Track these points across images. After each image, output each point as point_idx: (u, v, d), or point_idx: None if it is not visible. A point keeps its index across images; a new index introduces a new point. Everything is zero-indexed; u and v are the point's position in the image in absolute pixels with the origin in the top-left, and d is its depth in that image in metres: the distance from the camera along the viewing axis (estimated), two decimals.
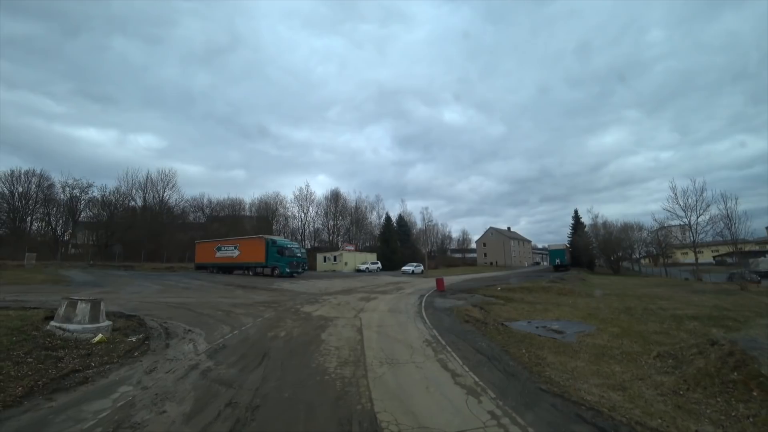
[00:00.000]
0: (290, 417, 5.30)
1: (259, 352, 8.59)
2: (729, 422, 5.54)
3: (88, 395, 6.00)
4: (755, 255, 66.68)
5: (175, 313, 13.47)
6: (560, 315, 15.64)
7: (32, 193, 53.55)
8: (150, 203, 60.44)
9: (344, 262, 56.65)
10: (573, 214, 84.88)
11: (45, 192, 53.60)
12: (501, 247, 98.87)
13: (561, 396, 6.33)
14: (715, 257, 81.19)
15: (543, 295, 22.77)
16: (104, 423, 5.00)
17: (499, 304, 18.37)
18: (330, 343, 9.61)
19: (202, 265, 42.45)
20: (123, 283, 25.04)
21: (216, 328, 11.22)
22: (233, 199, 74.73)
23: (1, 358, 7.10)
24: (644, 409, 5.95)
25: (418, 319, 13.52)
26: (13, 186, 52.35)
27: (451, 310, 15.46)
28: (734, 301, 20.15)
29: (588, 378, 7.47)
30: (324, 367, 7.59)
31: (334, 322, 12.44)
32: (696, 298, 21.95)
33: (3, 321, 8.80)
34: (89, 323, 9.26)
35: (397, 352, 8.84)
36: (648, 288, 31.15)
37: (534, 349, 9.71)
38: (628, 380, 7.40)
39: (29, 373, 6.74)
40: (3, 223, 52.11)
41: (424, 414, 5.43)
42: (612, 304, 19.41)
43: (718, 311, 15.99)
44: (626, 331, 12.27)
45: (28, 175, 53.42)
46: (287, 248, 36.59)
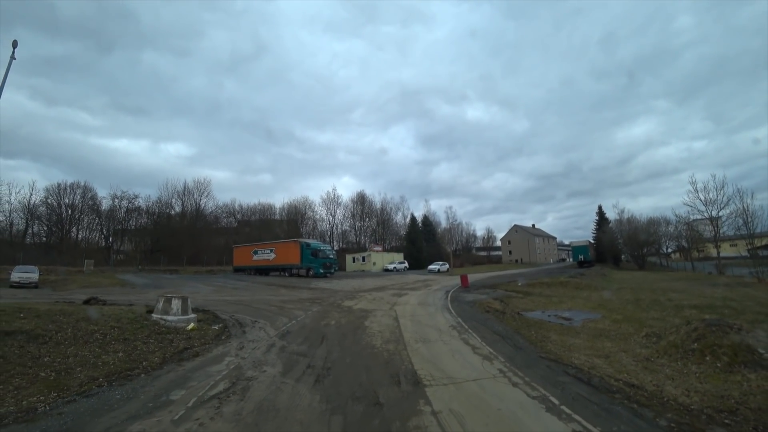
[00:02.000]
0: (354, 373, 7.46)
1: (318, 335, 10.83)
2: (679, 376, 7.41)
3: (205, 362, 8.32)
4: None
5: (237, 308, 15.88)
6: (572, 306, 17.42)
7: (77, 203, 58.01)
8: (187, 210, 64.24)
9: (372, 262, 58.93)
10: (597, 210, 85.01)
11: (89, 202, 57.91)
12: (526, 244, 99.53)
13: (555, 361, 8.31)
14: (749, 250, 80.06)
15: (560, 290, 24.45)
16: (226, 377, 7.26)
17: (518, 298, 20.24)
18: (373, 328, 11.77)
19: (240, 268, 45.49)
20: (178, 285, 27.87)
21: (276, 319, 13.55)
22: (263, 204, 78.27)
23: (134, 339, 9.53)
24: (617, 368, 7.88)
25: (444, 310, 15.55)
26: (60, 198, 56.91)
27: (473, 302, 17.42)
28: (744, 293, 21.37)
29: (581, 350, 9.39)
30: (372, 344, 9.76)
31: (373, 313, 14.60)
32: (708, 291, 23.18)
33: (121, 314, 11.26)
34: (182, 315, 11.71)
35: (428, 334, 10.93)
36: (667, 282, 32.24)
37: (542, 331, 11.65)
38: (614, 352, 9.29)
39: (156, 349, 9.16)
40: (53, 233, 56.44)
41: (450, 370, 7.52)
42: (624, 296, 20.98)
43: (721, 302, 17.41)
44: (628, 318, 14.01)
45: (73, 187, 57.87)
46: (320, 250, 39.13)
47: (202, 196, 65.82)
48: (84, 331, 9.34)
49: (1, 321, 8.78)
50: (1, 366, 7.19)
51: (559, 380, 7.06)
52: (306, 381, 7.00)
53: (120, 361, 8.16)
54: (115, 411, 5.72)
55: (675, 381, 7.17)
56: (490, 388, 6.60)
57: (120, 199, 56.16)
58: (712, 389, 6.66)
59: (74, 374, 7.29)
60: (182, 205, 63.76)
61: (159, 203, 60.18)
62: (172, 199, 62.34)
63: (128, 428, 5.11)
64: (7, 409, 5.80)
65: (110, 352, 8.60)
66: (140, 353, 8.77)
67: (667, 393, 6.49)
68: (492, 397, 6.15)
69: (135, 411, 5.71)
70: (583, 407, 5.75)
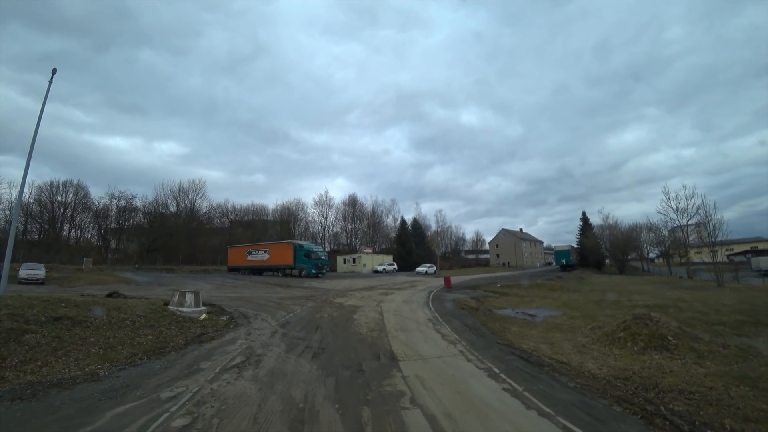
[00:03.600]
0: (344, 352, 9.31)
1: (313, 325, 12.65)
2: (602, 357, 9.36)
3: (222, 344, 10.12)
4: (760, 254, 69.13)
5: (239, 303, 17.62)
6: (541, 305, 19.42)
7: (70, 201, 58.09)
8: (182, 210, 65.50)
9: (362, 264, 60.70)
10: (581, 216, 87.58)
11: (82, 201, 58.28)
12: (513, 248, 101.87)
13: (508, 346, 10.23)
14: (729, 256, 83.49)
15: (535, 291, 26.49)
16: (241, 354, 9.06)
17: (494, 297, 22.22)
18: (361, 320, 13.62)
19: (235, 268, 47.06)
20: (179, 283, 29.40)
21: (275, 312, 15.34)
22: (257, 205, 79.56)
23: (158, 326, 11.30)
24: (555, 351, 9.81)
25: (425, 307, 17.43)
26: (53, 195, 57.00)
27: (452, 301, 19.33)
28: (699, 295, 23.56)
29: (532, 339, 11.33)
30: (359, 332, 11.61)
31: (362, 308, 16.44)
32: (669, 293, 25.34)
33: (142, 306, 12.98)
34: (195, 307, 13.48)
35: (407, 325, 12.81)
36: (637, 285, 34.48)
37: (506, 324, 13.60)
38: (559, 340, 11.24)
39: (179, 333, 10.94)
40: (45, 231, 56.79)
41: (421, 351, 9.40)
42: (591, 297, 23.05)
43: (672, 302, 19.50)
44: (584, 314, 16.00)
45: (66, 185, 57.87)
46: (313, 252, 40.92)
47: (196, 197, 67.19)
48: (117, 318, 11.07)
49: (48, 309, 10.49)
50: (59, 343, 8.95)
51: (505, 358, 8.97)
52: (305, 356, 8.84)
53: (151, 342, 9.95)
54: (159, 375, 7.52)
55: (597, 360, 9.11)
56: (449, 362, 8.50)
57: (118, 199, 57.37)
58: (621, 365, 8.61)
59: (118, 351, 9.07)
60: (177, 205, 65.08)
61: (155, 203, 61.48)
62: (167, 199, 63.71)
63: (174, 383, 6.92)
64: (75, 373, 7.58)
65: (141, 335, 10.36)
66: (166, 336, 10.54)
67: (585, 367, 8.43)
68: (449, 368, 8.05)
69: (175, 375, 7.51)
70: (517, 375, 7.66)
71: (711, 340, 10.46)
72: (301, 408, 5.85)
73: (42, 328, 9.41)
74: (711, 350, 9.45)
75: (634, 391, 6.83)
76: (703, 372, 8.02)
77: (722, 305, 18.29)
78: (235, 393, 6.47)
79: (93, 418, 5.45)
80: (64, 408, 5.88)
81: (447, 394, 6.51)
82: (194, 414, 5.58)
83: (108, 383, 7.03)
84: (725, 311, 16.32)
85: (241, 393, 6.48)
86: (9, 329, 8.89)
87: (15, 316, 9.55)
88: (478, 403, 6.13)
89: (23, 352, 8.27)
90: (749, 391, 6.83)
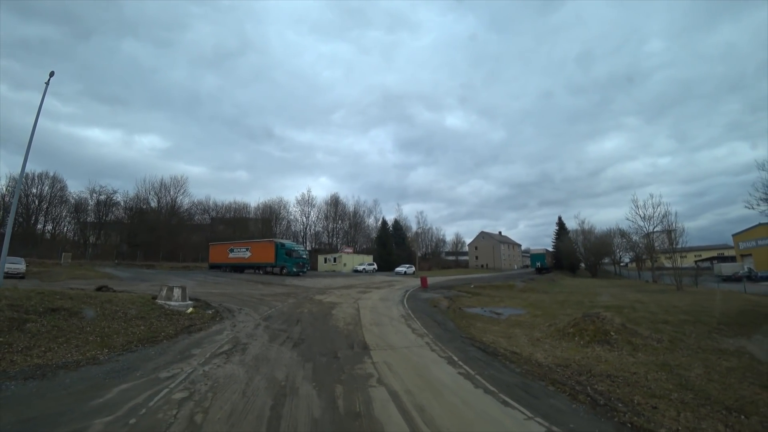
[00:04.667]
0: (322, 342, 10.32)
1: (294, 319, 13.61)
2: (551, 349, 10.56)
3: (209, 334, 11.01)
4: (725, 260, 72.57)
5: (223, 299, 18.42)
6: (509, 304, 20.71)
7: (46, 194, 57.02)
8: (163, 206, 65.35)
9: (343, 263, 61.62)
10: (557, 221, 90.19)
11: (58, 194, 57.31)
12: (491, 250, 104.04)
13: (470, 339, 11.38)
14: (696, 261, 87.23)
15: (506, 292, 27.89)
16: (228, 342, 9.99)
17: (466, 297, 23.47)
18: (338, 316, 14.62)
19: (216, 265, 47.42)
20: (161, 279, 29.84)
21: (258, 307, 16.23)
22: (239, 202, 79.71)
23: (149, 317, 12.11)
24: (511, 344, 11.00)
25: (400, 304, 18.52)
26: (28, 188, 55.18)
27: (426, 300, 20.48)
28: (657, 298, 25.19)
29: (494, 334, 12.51)
30: (336, 325, 12.63)
31: (340, 305, 17.43)
32: (630, 296, 26.95)
33: (132, 299, 13.74)
34: (182, 301, 14.31)
35: (381, 320, 13.88)
36: (604, 288, 36.22)
37: (472, 321, 14.78)
38: (517, 335, 12.44)
39: (169, 325, 11.78)
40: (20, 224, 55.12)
41: (391, 342, 10.48)
42: (557, 298, 24.50)
43: (629, 303, 20.96)
44: (545, 313, 17.30)
45: (41, 177, 56.72)
46: (294, 250, 41.70)
47: (178, 193, 67.08)
48: (109, 310, 11.85)
49: (45, 300, 11.23)
50: (59, 332, 9.73)
51: (466, 349, 10.10)
52: (287, 345, 9.82)
53: (144, 331, 10.78)
54: (155, 360, 8.41)
55: (545, 351, 10.31)
56: (415, 351, 9.60)
57: (98, 193, 56.88)
58: (565, 355, 9.82)
59: (114, 339, 9.89)
60: (158, 201, 64.88)
61: (137, 198, 61.24)
62: (149, 195, 63.48)
63: (170, 366, 7.83)
64: (77, 358, 8.40)
65: (134, 325, 11.17)
66: (157, 327, 11.37)
67: (534, 357, 9.61)
68: (414, 356, 9.14)
69: (170, 359, 8.42)
70: (473, 362, 8.79)
71: (649, 335, 11.78)
72: (283, 385, 6.85)
73: (41, 318, 10.17)
74: (646, 344, 10.77)
75: (569, 376, 8.02)
76: (632, 361, 9.29)
77: (673, 306, 19.83)
78: (225, 374, 7.43)
79: (102, 393, 6.34)
80: (74, 385, 6.75)
81: (409, 376, 7.59)
82: (191, 389, 6.53)
83: (109, 366, 7.89)
84: (673, 312, 17.79)
85: (230, 374, 7.43)
86: (11, 318, 9.63)
87: (15, 306, 10.28)
88: (434, 383, 7.22)
89: (27, 339, 9.04)
90: (664, 375, 8.10)
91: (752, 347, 10.93)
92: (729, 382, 7.74)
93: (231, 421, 5.29)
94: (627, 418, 5.83)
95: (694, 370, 8.54)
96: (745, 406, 6.50)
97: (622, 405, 6.41)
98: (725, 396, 6.97)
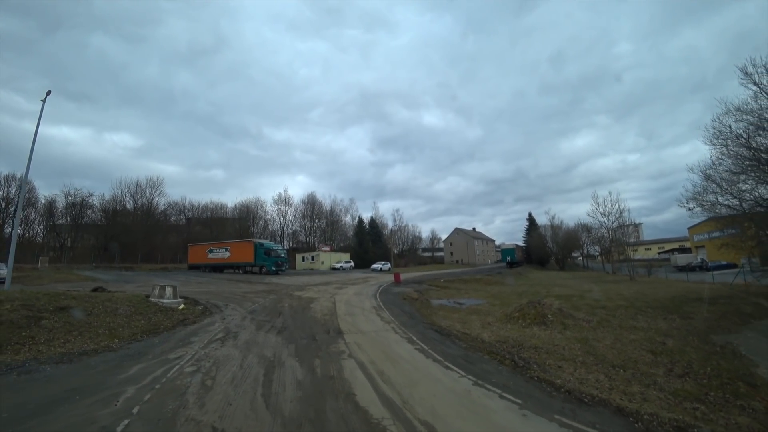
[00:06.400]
0: (302, 329, 12.02)
1: (276, 312, 15.24)
2: (497, 330, 12.52)
3: (203, 326, 12.56)
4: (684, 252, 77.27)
5: (208, 296, 19.86)
6: (473, 296, 22.77)
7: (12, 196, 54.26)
8: (138, 208, 65.37)
9: (321, 261, 63.12)
10: (528, 216, 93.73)
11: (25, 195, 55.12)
12: (465, 246, 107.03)
13: (430, 324, 13.26)
14: (660, 253, 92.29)
15: (472, 285, 30.06)
16: (221, 332, 11.59)
17: (435, 290, 25.46)
18: (316, 308, 16.30)
19: (195, 266, 48.28)
20: (143, 280, 30.86)
21: (242, 303, 17.77)
22: (215, 202, 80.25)
23: (147, 313, 13.56)
24: (465, 327, 12.93)
25: (372, 298, 20.30)
26: None
27: (397, 293, 22.32)
28: (609, 287, 27.78)
29: (452, 320, 14.45)
30: (314, 316, 14.33)
31: (318, 300, 19.10)
32: (585, 286, 29.54)
33: (128, 298, 15.11)
34: (173, 298, 15.75)
35: (354, 311, 15.64)
36: (566, 280, 38.98)
37: (436, 310, 16.70)
38: (471, 321, 14.40)
39: (165, 319, 13.26)
40: None
41: (362, 328, 12.26)
42: (517, 290, 26.76)
43: (580, 293, 23.39)
44: (503, 303, 19.39)
45: (8, 179, 54.58)
46: (273, 250, 43.08)
47: (154, 194, 67.22)
48: (110, 308, 13.25)
49: (53, 301, 12.59)
50: (71, 326, 11.15)
51: (424, 332, 11.98)
52: (272, 332, 11.50)
53: (145, 325, 12.27)
54: (161, 346, 9.97)
55: (492, 332, 12.28)
56: (382, 334, 11.42)
57: (73, 196, 56.55)
58: (507, 334, 11.79)
59: (120, 331, 11.36)
60: (134, 203, 64.94)
61: (113, 201, 61.18)
62: (125, 197, 63.46)
63: (175, 350, 9.41)
64: (94, 347, 9.89)
65: (135, 320, 12.63)
66: (155, 321, 12.85)
67: (480, 336, 11.55)
68: (380, 338, 10.96)
69: (173, 345, 9.99)
70: (429, 341, 10.64)
71: (583, 317, 13.92)
72: (272, 360, 8.55)
73: (53, 315, 11.55)
74: (576, 324, 12.88)
75: (504, 348, 9.97)
76: (560, 337, 11.34)
77: (618, 294, 22.29)
78: (223, 354, 9.07)
79: (125, 370, 7.91)
80: (99, 366, 8.29)
81: (374, 352, 9.39)
82: (197, 365, 8.16)
83: (123, 352, 9.42)
84: (615, 299, 20.20)
85: (227, 354, 9.08)
86: (27, 316, 11.01)
87: (28, 306, 11.63)
88: (394, 356, 9.04)
89: (45, 333, 10.45)
90: (579, 346, 10.15)
91: (661, 323, 13.22)
92: (626, 350, 9.86)
93: (234, 383, 6.98)
94: (536, 374, 7.78)
95: (604, 342, 10.65)
96: (627, 364, 8.58)
97: (536, 366, 8.37)
98: (617, 358, 9.05)
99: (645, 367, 8.48)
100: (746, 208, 18.47)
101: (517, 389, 6.84)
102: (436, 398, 6.31)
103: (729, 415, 5.93)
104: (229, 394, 6.46)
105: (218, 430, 5.11)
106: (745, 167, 17.95)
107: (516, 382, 7.32)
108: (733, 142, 18.19)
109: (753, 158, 17.47)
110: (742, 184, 18.59)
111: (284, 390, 6.66)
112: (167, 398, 6.26)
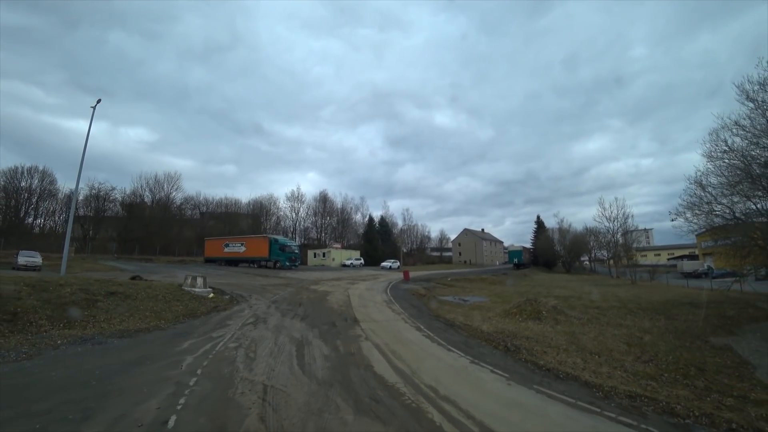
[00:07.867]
0: (322, 317, 13.55)
1: (297, 302, 16.81)
2: (495, 323, 13.94)
3: (234, 312, 14.16)
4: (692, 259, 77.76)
5: (232, 288, 21.51)
6: (477, 294, 24.17)
7: (35, 188, 57.50)
8: (156, 202, 67.52)
9: (332, 258, 64.74)
10: (536, 219, 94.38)
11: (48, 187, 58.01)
12: (474, 247, 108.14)
13: (436, 317, 14.73)
14: (669, 259, 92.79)
15: (477, 284, 31.45)
16: (251, 317, 13.16)
17: (442, 288, 26.91)
18: (332, 300, 17.84)
19: (211, 259, 50.15)
20: (166, 272, 32.67)
21: (264, 294, 19.38)
22: (230, 198, 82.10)
23: (183, 300, 15.20)
24: (467, 320, 14.37)
25: (383, 293, 21.82)
26: (17, 182, 55.98)
27: (406, 290, 23.80)
28: (606, 290, 28.99)
29: (456, 314, 15.89)
30: (332, 307, 15.87)
31: (332, 293, 20.66)
32: (586, 288, 30.73)
33: (165, 286, 16.78)
34: (204, 288, 17.39)
35: (367, 304, 17.15)
36: (569, 282, 40.12)
37: (441, 305, 18.15)
38: (474, 315, 15.83)
39: (200, 305, 14.88)
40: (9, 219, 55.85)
41: (375, 318, 13.77)
42: (519, 290, 28.09)
43: (579, 294, 24.66)
44: (504, 301, 20.75)
45: (30, 171, 57.11)
46: (287, 246, 44.78)
47: (171, 189, 69.32)
48: (152, 294, 14.92)
49: (104, 286, 14.27)
50: (123, 308, 12.79)
51: (431, 322, 13.45)
52: (296, 319, 13.05)
53: (183, 309, 13.90)
54: (202, 327, 11.56)
55: (491, 325, 13.70)
56: (393, 323, 12.92)
57: (98, 190, 58.64)
58: (504, 327, 13.21)
59: (164, 314, 12.99)
60: (152, 197, 67.10)
61: (133, 195, 63.45)
62: (143, 191, 65.70)
63: (215, 330, 10.99)
64: (145, 326, 11.51)
65: (174, 306, 14.28)
66: (192, 307, 14.48)
67: (480, 328, 12.97)
68: (392, 326, 12.46)
69: (213, 327, 11.58)
70: (434, 330, 12.11)
71: (575, 315, 15.29)
72: (300, 340, 10.08)
73: (106, 299, 13.23)
74: (567, 320, 14.26)
75: (499, 337, 11.40)
76: (551, 330, 12.74)
77: (614, 297, 23.54)
78: (258, 335, 10.63)
79: (178, 345, 9.49)
80: (156, 341, 9.89)
81: (387, 336, 10.89)
82: (238, 342, 9.71)
83: (171, 331, 11.03)
84: (611, 300, 21.48)
85: (261, 335, 10.64)
86: (85, 299, 12.68)
87: (84, 290, 13.31)
88: (404, 340, 10.54)
89: (103, 313, 12.12)
90: (565, 338, 11.56)
91: (646, 323, 14.55)
92: (605, 342, 11.26)
93: (273, 356, 8.52)
94: (523, 357, 9.22)
95: (589, 335, 12.05)
96: (603, 352, 10.00)
97: (525, 351, 9.80)
98: (596, 348, 10.45)
99: (618, 354, 9.89)
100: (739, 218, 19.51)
101: (506, 367, 8.28)
102: (439, 371, 7.79)
103: (673, 389, 7.31)
104: (270, 363, 7.99)
105: (268, 386, 6.62)
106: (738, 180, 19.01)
107: (506, 362, 8.76)
108: (728, 156, 19.25)
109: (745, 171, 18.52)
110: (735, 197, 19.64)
111: (315, 361, 8.18)
112: (221, 365, 7.81)
